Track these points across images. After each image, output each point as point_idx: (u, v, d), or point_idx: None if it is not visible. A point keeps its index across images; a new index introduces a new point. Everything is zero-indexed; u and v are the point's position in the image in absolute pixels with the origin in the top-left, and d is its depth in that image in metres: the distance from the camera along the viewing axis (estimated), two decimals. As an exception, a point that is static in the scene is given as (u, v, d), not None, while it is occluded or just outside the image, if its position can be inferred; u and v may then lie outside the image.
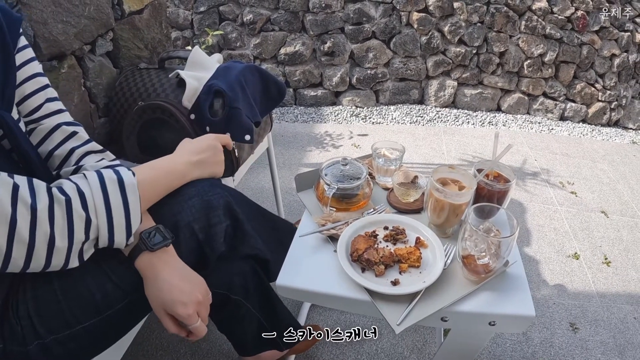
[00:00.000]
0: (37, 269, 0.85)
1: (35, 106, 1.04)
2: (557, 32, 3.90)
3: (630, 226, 2.73)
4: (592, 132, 4.09)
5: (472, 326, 1.12)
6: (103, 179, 0.92)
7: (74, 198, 0.86)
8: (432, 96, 4.09)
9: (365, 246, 1.14)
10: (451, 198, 1.16)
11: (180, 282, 1.00)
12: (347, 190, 1.30)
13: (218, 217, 1.12)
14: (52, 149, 1.05)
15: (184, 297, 0.99)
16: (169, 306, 0.99)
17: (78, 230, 0.86)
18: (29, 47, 1.05)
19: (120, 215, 0.92)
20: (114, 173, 0.94)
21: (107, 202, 0.90)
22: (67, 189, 0.87)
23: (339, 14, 3.75)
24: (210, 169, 1.20)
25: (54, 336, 0.95)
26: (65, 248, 0.85)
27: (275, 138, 3.44)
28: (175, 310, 0.99)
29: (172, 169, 1.10)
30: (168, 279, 0.99)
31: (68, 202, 0.85)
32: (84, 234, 0.88)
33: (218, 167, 1.24)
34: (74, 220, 0.85)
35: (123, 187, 0.93)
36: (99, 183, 0.91)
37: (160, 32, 2.02)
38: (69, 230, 0.85)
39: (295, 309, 1.92)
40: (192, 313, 1.00)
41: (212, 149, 1.20)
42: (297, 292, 1.13)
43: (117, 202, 0.92)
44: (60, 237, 0.84)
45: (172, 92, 1.59)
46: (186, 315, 0.99)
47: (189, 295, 1.00)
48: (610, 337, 1.94)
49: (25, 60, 1.03)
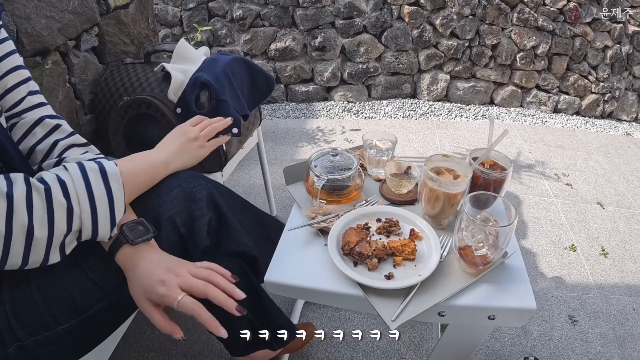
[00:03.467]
0: (15, 266, 0.81)
1: (17, 100, 1.01)
2: (550, 24, 3.88)
3: (627, 217, 2.71)
4: (585, 124, 4.08)
5: (470, 321, 1.08)
6: (84, 169, 0.89)
7: (54, 186, 0.83)
8: (424, 90, 4.06)
9: (357, 239, 1.10)
10: (446, 187, 1.12)
11: (157, 268, 0.93)
12: (337, 181, 1.25)
13: (201, 210, 1.08)
14: (34, 143, 1.02)
15: (163, 274, 0.91)
16: (149, 292, 0.90)
17: (59, 219, 0.82)
18: (10, 40, 1.02)
19: (104, 203, 0.89)
20: (96, 163, 0.91)
21: (89, 191, 0.87)
22: (47, 177, 0.84)
23: (329, 8, 3.71)
24: (192, 153, 1.18)
25: (33, 338, 0.91)
26: (45, 239, 0.81)
27: (266, 134, 3.41)
28: (156, 291, 0.90)
29: (154, 159, 1.07)
30: (147, 266, 0.93)
31: (47, 190, 0.81)
32: (65, 225, 0.84)
33: (201, 150, 1.21)
34: (54, 209, 0.81)
35: (105, 176, 0.90)
36: (80, 172, 0.88)
37: (146, 27, 1.99)
38: (49, 219, 0.81)
39: (289, 307, 1.88)
40: (172, 288, 0.90)
41: (182, 134, 1.19)
42: (287, 288, 1.09)
43: (100, 190, 0.88)
44: (39, 227, 0.80)
45: (157, 86, 1.56)
46: (166, 293, 0.89)
47: (167, 273, 0.91)
48: (609, 328, 1.91)
49: (5, 53, 1.00)
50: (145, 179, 1.04)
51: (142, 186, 1.04)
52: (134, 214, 1.02)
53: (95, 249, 0.96)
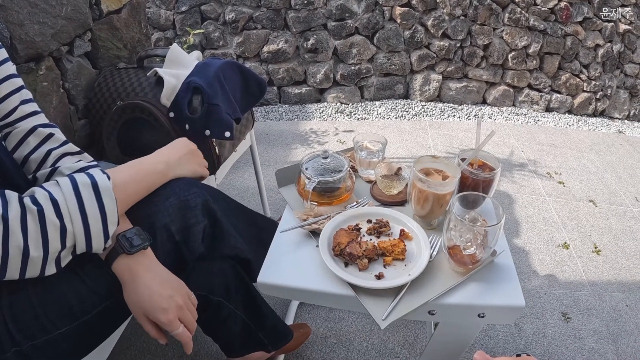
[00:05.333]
0: (13, 278, 0.83)
1: (10, 109, 1.01)
2: (541, 23, 3.89)
3: (619, 214, 2.73)
4: (578, 123, 4.09)
5: (461, 319, 1.09)
6: (76, 184, 0.89)
7: (46, 207, 0.83)
8: (417, 90, 4.07)
9: (347, 240, 1.11)
10: (435, 188, 1.13)
11: (160, 288, 0.97)
12: (328, 183, 1.27)
13: (195, 217, 1.09)
14: (28, 153, 1.02)
15: (164, 302, 0.97)
16: (150, 313, 0.96)
17: (53, 239, 0.84)
18: (2, 48, 1.02)
19: (97, 220, 0.89)
20: (88, 177, 0.91)
21: (82, 208, 0.87)
22: (40, 197, 0.85)
23: (321, 10, 3.72)
24: (191, 167, 1.18)
25: (31, 342, 0.92)
26: (40, 258, 0.83)
27: (260, 137, 3.42)
28: (157, 317, 0.96)
29: (151, 167, 1.08)
30: (148, 284, 0.96)
31: (40, 212, 0.82)
32: (59, 243, 0.85)
33: (200, 168, 1.22)
34: (47, 230, 0.83)
35: (98, 191, 0.90)
36: (72, 188, 0.88)
37: (139, 32, 1.99)
38: (43, 240, 0.82)
39: (284, 308, 1.89)
40: (172, 319, 0.98)
41: (187, 148, 1.20)
42: (279, 289, 1.10)
43: (93, 207, 0.89)
44: (34, 248, 0.81)
45: (150, 91, 1.57)
46: (167, 322, 0.97)
47: (169, 301, 0.98)
48: (603, 325, 1.93)
49: None
50: (141, 187, 1.05)
51: (138, 195, 1.04)
52: (129, 223, 1.02)
53: (91, 257, 0.97)
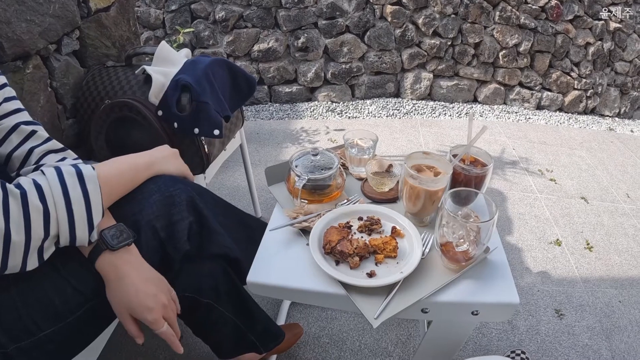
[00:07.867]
0: None
1: None
2: (532, 21, 3.90)
3: (611, 211, 2.73)
4: (569, 120, 4.10)
5: (454, 317, 1.08)
6: (61, 172, 0.88)
7: (29, 190, 0.82)
8: (408, 89, 4.07)
9: (338, 238, 1.09)
10: (426, 184, 1.12)
11: (145, 285, 0.96)
12: (318, 181, 1.25)
13: (180, 214, 1.07)
14: (10, 150, 1.00)
15: (150, 301, 0.95)
16: (136, 311, 0.95)
17: (36, 224, 0.82)
18: None
19: (81, 206, 0.88)
20: (73, 167, 0.90)
21: (66, 194, 0.86)
22: (23, 183, 0.83)
23: (312, 8, 3.70)
24: (176, 164, 1.17)
25: (16, 345, 0.90)
26: (23, 243, 0.81)
27: (250, 136, 3.40)
28: (143, 315, 0.95)
29: (136, 161, 1.07)
30: (134, 282, 0.95)
31: (23, 195, 0.81)
32: (42, 229, 0.83)
33: (184, 167, 1.21)
34: (30, 213, 0.81)
35: (82, 179, 0.89)
36: (56, 176, 0.87)
37: (128, 30, 1.97)
38: (26, 224, 0.80)
39: (275, 308, 1.87)
40: (158, 318, 0.97)
41: (171, 150, 1.20)
42: (269, 288, 1.08)
43: (77, 193, 0.87)
44: (15, 232, 0.79)
45: (139, 89, 1.55)
46: (153, 320, 0.96)
47: (154, 299, 0.96)
48: (596, 321, 1.93)
49: None
50: (126, 180, 1.03)
51: (122, 188, 1.03)
52: (112, 219, 1.00)
53: (73, 255, 0.95)
